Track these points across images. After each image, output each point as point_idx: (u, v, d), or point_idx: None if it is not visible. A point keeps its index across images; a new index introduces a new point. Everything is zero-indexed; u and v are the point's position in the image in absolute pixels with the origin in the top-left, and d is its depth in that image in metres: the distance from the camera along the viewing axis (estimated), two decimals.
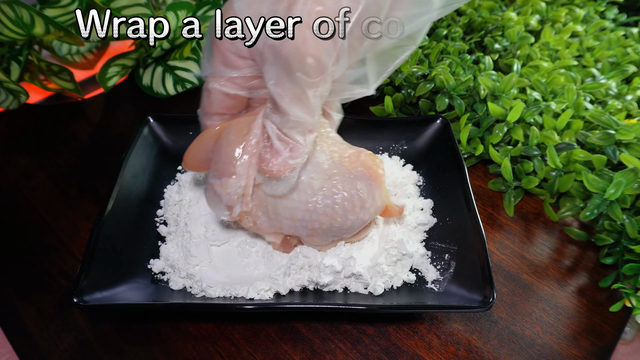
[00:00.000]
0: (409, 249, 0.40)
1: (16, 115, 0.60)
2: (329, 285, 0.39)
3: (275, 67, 0.30)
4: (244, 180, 0.33)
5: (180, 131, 0.50)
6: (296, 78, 0.29)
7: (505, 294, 0.43)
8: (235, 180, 0.33)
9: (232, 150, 0.32)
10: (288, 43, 0.28)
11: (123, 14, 0.53)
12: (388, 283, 0.40)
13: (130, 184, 0.44)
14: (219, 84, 0.33)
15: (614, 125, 0.46)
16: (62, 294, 0.42)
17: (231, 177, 0.33)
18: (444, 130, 0.48)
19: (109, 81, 0.59)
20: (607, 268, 0.45)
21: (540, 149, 0.49)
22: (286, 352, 0.38)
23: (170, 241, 0.43)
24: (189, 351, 0.38)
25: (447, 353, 0.39)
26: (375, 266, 0.39)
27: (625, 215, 0.42)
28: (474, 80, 0.54)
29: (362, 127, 0.50)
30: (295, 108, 0.30)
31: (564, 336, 0.40)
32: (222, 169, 0.33)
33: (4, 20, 0.49)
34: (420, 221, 0.44)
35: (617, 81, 0.57)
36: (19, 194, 0.51)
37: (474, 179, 0.52)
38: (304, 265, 0.39)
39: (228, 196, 0.33)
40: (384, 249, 0.41)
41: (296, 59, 0.29)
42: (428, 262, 0.42)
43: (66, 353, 0.38)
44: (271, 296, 0.39)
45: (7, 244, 0.46)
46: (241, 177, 0.33)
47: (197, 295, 0.39)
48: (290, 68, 0.29)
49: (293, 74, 0.29)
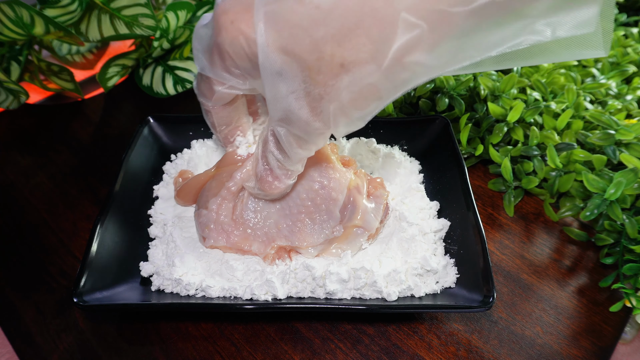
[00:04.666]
0: (433, 265, 0.39)
1: (16, 115, 0.60)
2: (335, 293, 0.38)
3: (281, 112, 0.30)
4: (214, 214, 0.40)
5: (180, 131, 0.50)
6: (304, 133, 0.31)
7: (505, 294, 0.43)
8: (207, 212, 0.40)
9: (211, 194, 0.40)
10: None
11: (123, 14, 0.53)
12: (406, 292, 0.38)
13: (130, 184, 0.44)
14: (222, 87, 0.33)
15: (614, 125, 0.46)
16: (62, 294, 0.42)
17: (205, 209, 0.40)
18: (444, 130, 0.48)
19: (109, 81, 0.59)
20: (607, 268, 0.45)
21: (540, 149, 0.49)
22: (286, 352, 0.38)
23: (155, 246, 0.42)
24: (189, 351, 0.38)
25: (447, 353, 0.39)
26: (392, 274, 0.38)
27: (625, 215, 0.42)
28: (474, 80, 0.54)
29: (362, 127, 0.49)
30: (300, 151, 0.32)
31: (564, 336, 0.40)
32: (201, 203, 0.41)
33: (4, 20, 0.49)
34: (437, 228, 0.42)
35: (617, 81, 0.57)
36: (19, 194, 0.51)
37: (474, 179, 0.52)
38: (306, 278, 0.38)
39: (200, 225, 0.41)
40: (405, 261, 0.40)
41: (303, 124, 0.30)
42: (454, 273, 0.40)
43: (66, 353, 0.38)
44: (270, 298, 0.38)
45: (7, 244, 0.46)
46: (212, 212, 0.40)
47: (197, 295, 0.39)
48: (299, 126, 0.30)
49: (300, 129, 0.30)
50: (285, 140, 0.31)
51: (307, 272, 0.38)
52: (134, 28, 0.54)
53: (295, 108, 0.29)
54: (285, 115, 0.30)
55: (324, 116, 0.30)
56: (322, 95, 0.28)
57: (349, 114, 0.30)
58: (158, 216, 0.44)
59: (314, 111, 0.29)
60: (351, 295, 0.38)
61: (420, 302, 0.38)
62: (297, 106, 0.29)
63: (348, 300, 0.38)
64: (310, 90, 0.28)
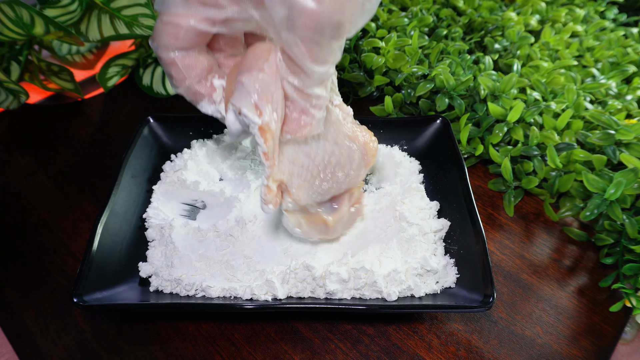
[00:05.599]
0: (433, 265, 0.39)
1: (16, 115, 0.60)
2: (335, 293, 0.38)
3: (296, 24, 0.26)
4: (270, 79, 0.31)
5: (180, 131, 0.50)
6: (325, 41, 0.27)
7: (505, 294, 0.43)
8: (262, 75, 0.31)
9: (261, 51, 0.31)
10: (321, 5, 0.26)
11: (123, 14, 0.53)
12: (406, 292, 0.38)
13: (130, 184, 0.44)
14: (193, 20, 0.29)
15: (614, 125, 0.46)
16: (62, 294, 0.42)
17: (259, 70, 0.31)
18: (444, 130, 0.48)
19: (109, 81, 0.59)
20: (607, 268, 0.45)
21: (540, 149, 0.49)
22: (286, 352, 0.38)
23: (153, 247, 0.42)
24: (189, 351, 0.38)
25: (447, 353, 0.39)
26: (392, 273, 0.38)
27: (625, 215, 0.42)
28: (474, 80, 0.54)
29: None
30: (318, 68, 0.29)
31: (564, 336, 0.40)
32: (250, 63, 0.31)
33: (4, 20, 0.49)
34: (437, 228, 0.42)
35: (617, 81, 0.57)
36: (19, 194, 0.51)
37: (474, 179, 0.52)
38: (306, 278, 0.38)
39: (255, 90, 0.31)
40: (405, 261, 0.40)
41: (329, 24, 0.26)
42: (454, 273, 0.40)
43: (66, 353, 0.38)
44: (270, 298, 0.38)
45: (7, 244, 0.46)
46: (266, 75, 0.31)
47: (197, 295, 0.39)
48: (321, 32, 0.27)
49: (322, 37, 0.27)
50: (298, 52, 0.28)
51: (307, 272, 0.38)
52: (134, 28, 0.54)
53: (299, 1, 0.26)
54: (289, 16, 0.26)
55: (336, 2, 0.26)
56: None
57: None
58: (157, 216, 0.44)
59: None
60: (351, 295, 0.38)
61: (420, 302, 0.38)
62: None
63: (348, 300, 0.38)
64: None
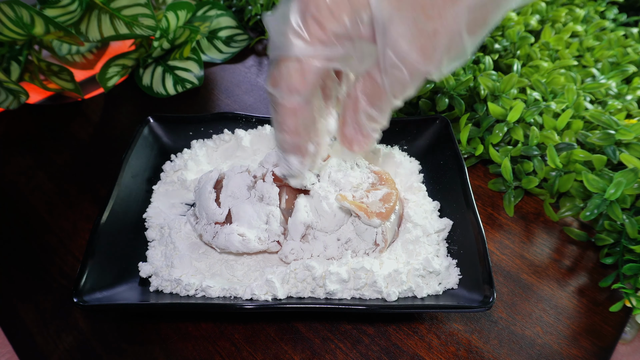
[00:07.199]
0: (436, 267, 0.39)
1: (16, 115, 0.60)
2: (335, 293, 0.38)
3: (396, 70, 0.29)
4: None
5: (180, 131, 0.50)
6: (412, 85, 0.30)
7: (505, 294, 0.43)
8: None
9: None
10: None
11: (123, 14, 0.53)
12: (407, 293, 0.38)
13: (130, 184, 0.44)
14: (317, 60, 0.29)
15: (614, 125, 0.46)
16: (62, 294, 0.42)
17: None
18: (444, 130, 0.48)
19: (109, 81, 0.59)
20: (607, 268, 0.45)
21: (540, 149, 0.49)
22: (286, 352, 0.38)
23: (153, 247, 0.42)
24: (189, 351, 0.38)
25: (447, 353, 0.39)
26: (393, 274, 0.38)
27: (625, 215, 0.42)
28: (474, 80, 0.54)
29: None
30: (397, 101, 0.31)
31: (564, 336, 0.40)
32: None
33: (4, 20, 0.49)
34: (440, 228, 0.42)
35: (617, 81, 0.57)
36: (19, 194, 0.51)
37: (474, 179, 0.52)
38: (306, 278, 0.38)
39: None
40: (407, 262, 0.40)
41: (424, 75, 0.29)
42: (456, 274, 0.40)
43: (66, 353, 0.38)
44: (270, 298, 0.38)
45: (7, 244, 0.46)
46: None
47: (197, 295, 0.39)
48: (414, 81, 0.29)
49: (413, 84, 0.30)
50: (389, 88, 0.30)
51: (307, 272, 0.38)
52: (134, 28, 0.54)
53: (404, 51, 0.27)
54: (392, 62, 0.28)
55: (435, 54, 0.28)
56: (436, 30, 0.27)
57: (462, 44, 0.28)
58: (157, 216, 0.44)
59: (424, 51, 0.28)
60: (351, 295, 0.38)
61: (420, 302, 0.38)
62: (407, 49, 0.27)
63: (348, 300, 0.38)
64: (423, 27, 0.27)
